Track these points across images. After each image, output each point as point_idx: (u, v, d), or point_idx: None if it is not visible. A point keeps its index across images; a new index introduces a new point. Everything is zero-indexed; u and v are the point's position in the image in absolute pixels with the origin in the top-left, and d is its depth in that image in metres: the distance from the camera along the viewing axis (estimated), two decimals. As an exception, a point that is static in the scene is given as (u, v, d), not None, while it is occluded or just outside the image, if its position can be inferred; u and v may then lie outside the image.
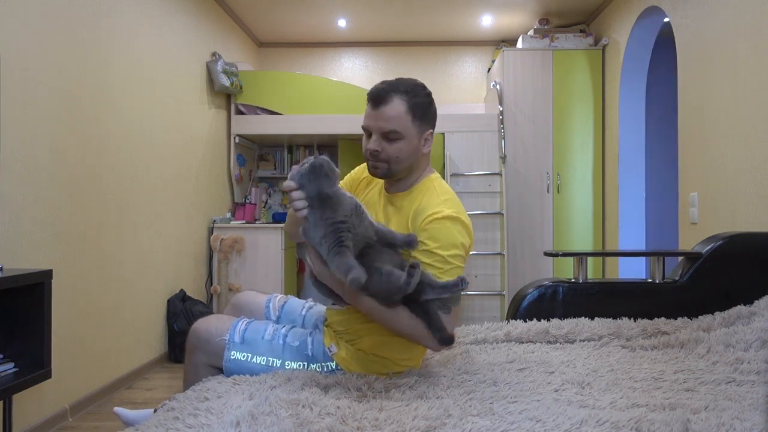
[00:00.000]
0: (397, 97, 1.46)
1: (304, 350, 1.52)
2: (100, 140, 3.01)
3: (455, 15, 5.01)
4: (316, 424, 1.09)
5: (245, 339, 1.53)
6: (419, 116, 1.48)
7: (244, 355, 1.52)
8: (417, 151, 1.50)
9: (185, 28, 4.05)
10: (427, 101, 1.51)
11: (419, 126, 1.49)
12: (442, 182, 1.57)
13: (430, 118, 1.52)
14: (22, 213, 2.41)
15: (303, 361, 1.51)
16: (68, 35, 2.73)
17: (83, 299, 2.85)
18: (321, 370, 1.50)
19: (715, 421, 1.12)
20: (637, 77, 4.35)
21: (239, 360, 1.52)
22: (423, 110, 1.49)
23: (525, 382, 1.43)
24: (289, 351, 1.52)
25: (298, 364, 1.51)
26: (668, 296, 2.17)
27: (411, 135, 1.47)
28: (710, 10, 3.09)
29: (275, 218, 4.98)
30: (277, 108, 4.77)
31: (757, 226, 2.65)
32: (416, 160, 1.52)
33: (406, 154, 1.48)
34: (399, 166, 1.50)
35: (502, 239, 4.61)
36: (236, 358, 1.52)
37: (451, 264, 1.42)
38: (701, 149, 3.20)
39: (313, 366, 1.50)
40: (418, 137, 1.49)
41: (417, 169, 1.55)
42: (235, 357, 1.52)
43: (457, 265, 1.43)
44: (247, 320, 1.59)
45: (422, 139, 1.51)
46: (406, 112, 1.46)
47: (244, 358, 1.51)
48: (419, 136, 1.50)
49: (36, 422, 2.49)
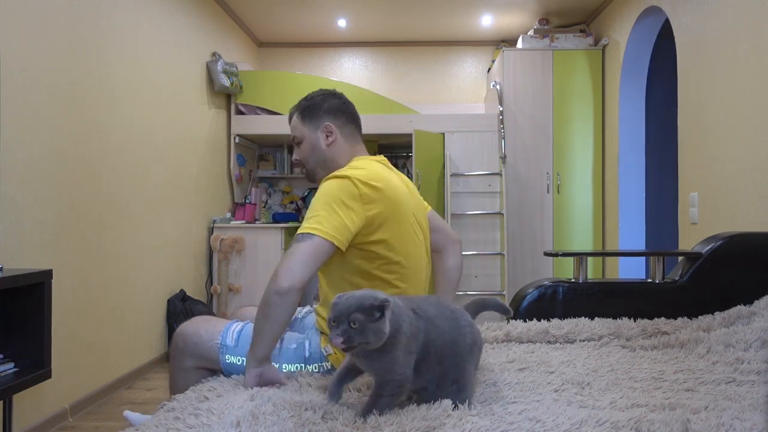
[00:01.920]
0: (293, 111, 1.67)
1: (301, 352, 1.51)
2: (100, 140, 3.01)
3: (455, 15, 5.01)
4: (317, 425, 1.09)
5: (239, 343, 1.50)
6: (308, 116, 1.63)
7: (239, 359, 1.49)
8: (317, 145, 1.62)
9: (185, 28, 4.05)
10: (315, 102, 1.64)
11: (310, 123, 1.63)
12: (363, 161, 1.55)
13: (321, 114, 1.62)
14: (22, 213, 2.41)
15: (300, 363, 1.51)
16: (68, 35, 2.74)
17: (83, 299, 2.85)
18: (318, 370, 1.50)
19: (715, 421, 1.12)
20: (637, 77, 4.35)
21: (234, 364, 1.49)
22: (310, 110, 1.64)
23: (525, 383, 1.43)
24: (286, 354, 1.51)
25: (295, 366, 1.50)
26: (668, 296, 2.17)
27: (306, 134, 1.63)
28: (710, 10, 3.09)
29: (275, 218, 4.97)
30: (277, 108, 4.77)
31: (757, 226, 2.65)
32: (325, 154, 1.62)
33: (308, 151, 1.63)
34: (311, 165, 1.64)
35: (502, 239, 4.61)
36: (231, 362, 1.49)
37: (314, 213, 1.38)
38: (701, 149, 3.20)
39: (310, 367, 1.50)
40: (314, 133, 1.62)
41: (334, 161, 1.62)
42: (230, 361, 1.49)
43: (320, 213, 1.37)
44: (242, 323, 1.57)
45: (319, 134, 1.62)
46: (297, 118, 1.65)
47: (239, 362, 1.48)
48: (314, 133, 1.63)
49: (36, 422, 2.49)
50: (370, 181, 1.44)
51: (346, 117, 1.65)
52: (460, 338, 1.22)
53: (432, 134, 4.62)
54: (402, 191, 1.53)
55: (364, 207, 1.41)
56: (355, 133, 1.66)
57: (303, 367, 1.50)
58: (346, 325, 1.07)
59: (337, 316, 1.08)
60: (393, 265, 1.48)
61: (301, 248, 1.34)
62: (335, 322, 1.08)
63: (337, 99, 1.66)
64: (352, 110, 1.67)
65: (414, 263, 1.54)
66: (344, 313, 1.08)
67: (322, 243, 1.35)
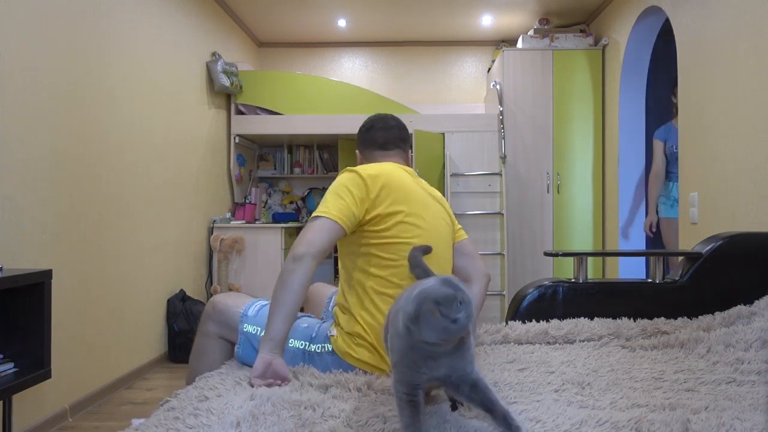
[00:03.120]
0: None
1: (310, 332, 1.62)
2: (100, 140, 3.01)
3: (455, 15, 5.01)
4: (318, 425, 1.09)
5: (259, 315, 1.63)
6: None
7: (255, 328, 1.61)
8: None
9: (185, 28, 4.05)
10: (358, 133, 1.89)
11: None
12: (377, 163, 1.72)
13: (357, 144, 1.91)
14: (22, 213, 2.41)
15: (305, 341, 1.60)
16: (68, 35, 2.73)
17: (83, 299, 2.85)
18: (320, 350, 1.59)
19: (715, 421, 1.12)
20: (637, 77, 4.36)
21: (250, 333, 1.61)
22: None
23: (525, 383, 1.43)
24: (295, 330, 1.61)
25: (301, 343, 1.60)
26: (668, 296, 2.17)
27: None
28: (710, 10, 3.09)
29: (275, 218, 4.98)
30: (277, 108, 4.77)
31: (757, 226, 2.65)
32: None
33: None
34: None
35: (502, 239, 4.61)
36: (248, 331, 1.61)
37: (324, 201, 1.57)
38: (701, 149, 3.20)
39: (314, 346, 1.59)
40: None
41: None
42: (246, 329, 1.62)
43: (327, 200, 1.56)
44: (266, 301, 1.69)
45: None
46: None
47: (254, 331, 1.60)
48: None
49: (36, 422, 2.49)
50: (371, 170, 1.62)
51: (364, 143, 1.86)
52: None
53: (432, 134, 4.62)
54: (408, 184, 1.65)
55: (367, 189, 1.58)
56: (375, 151, 1.84)
57: (307, 345, 1.59)
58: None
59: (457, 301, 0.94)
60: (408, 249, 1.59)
61: (311, 226, 1.52)
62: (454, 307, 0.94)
63: (363, 130, 1.87)
64: (372, 135, 1.84)
65: (435, 235, 1.64)
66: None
67: (329, 222, 1.52)
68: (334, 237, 1.53)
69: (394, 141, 1.83)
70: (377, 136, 1.84)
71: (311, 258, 1.46)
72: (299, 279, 1.44)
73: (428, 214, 1.65)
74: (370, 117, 1.89)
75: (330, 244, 1.52)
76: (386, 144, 1.83)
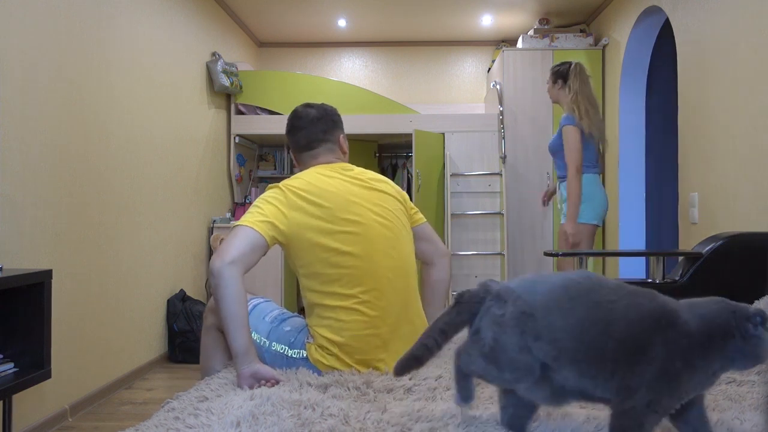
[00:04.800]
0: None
1: (289, 338, 1.61)
2: (101, 140, 3.01)
3: (455, 15, 5.01)
4: (318, 425, 1.09)
5: (253, 313, 1.64)
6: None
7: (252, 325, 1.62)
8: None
9: (185, 28, 4.05)
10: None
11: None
12: (305, 172, 1.71)
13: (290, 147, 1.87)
14: (22, 213, 2.41)
15: (285, 345, 1.60)
16: (68, 35, 2.73)
17: (83, 299, 2.85)
18: (296, 356, 1.59)
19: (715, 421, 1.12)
20: (637, 77, 4.35)
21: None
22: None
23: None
24: (277, 333, 1.62)
25: (281, 347, 1.60)
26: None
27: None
28: (710, 10, 3.09)
29: (275, 218, 4.97)
30: (277, 108, 4.77)
31: (757, 226, 2.65)
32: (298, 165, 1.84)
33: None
34: None
35: (502, 239, 4.61)
36: None
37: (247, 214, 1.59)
38: (701, 149, 3.20)
39: (291, 351, 1.59)
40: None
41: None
42: None
43: (250, 211, 1.59)
44: (264, 300, 1.71)
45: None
46: None
47: (252, 328, 1.61)
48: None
49: (36, 422, 2.49)
50: (292, 189, 1.62)
51: (292, 147, 1.82)
52: None
53: (432, 134, 4.62)
54: (332, 191, 1.62)
55: (287, 202, 1.58)
56: (302, 154, 1.80)
57: (287, 350, 1.60)
58: None
59: None
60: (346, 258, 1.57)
61: (227, 237, 1.54)
62: None
63: (286, 132, 1.81)
64: (295, 137, 1.79)
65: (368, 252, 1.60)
66: None
67: (244, 229, 1.53)
68: (253, 243, 1.52)
69: (317, 137, 1.77)
70: (299, 138, 1.78)
71: (228, 267, 1.45)
72: (229, 289, 1.44)
73: (360, 210, 1.61)
74: (291, 113, 1.82)
75: (248, 248, 1.51)
76: (310, 143, 1.77)
